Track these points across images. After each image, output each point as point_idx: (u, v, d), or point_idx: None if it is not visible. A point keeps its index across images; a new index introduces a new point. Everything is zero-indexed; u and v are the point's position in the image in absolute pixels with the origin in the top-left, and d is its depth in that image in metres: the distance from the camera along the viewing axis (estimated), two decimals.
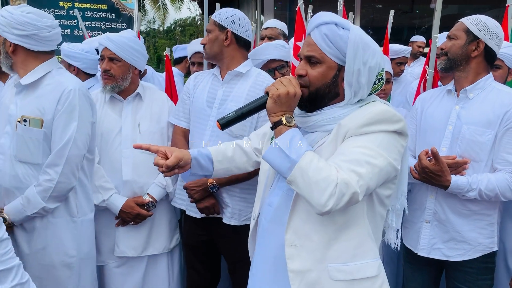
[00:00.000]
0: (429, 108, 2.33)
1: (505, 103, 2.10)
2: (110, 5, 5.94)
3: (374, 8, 9.99)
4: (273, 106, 1.49)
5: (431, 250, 2.24)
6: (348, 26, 1.51)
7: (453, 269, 2.25)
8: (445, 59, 2.21)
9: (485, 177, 2.08)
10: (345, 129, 1.47)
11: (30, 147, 2.15)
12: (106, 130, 2.58)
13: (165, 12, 24.58)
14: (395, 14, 4.18)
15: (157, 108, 2.68)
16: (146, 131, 2.60)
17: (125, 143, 2.57)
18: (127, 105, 2.64)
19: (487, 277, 2.22)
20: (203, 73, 2.67)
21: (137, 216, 2.55)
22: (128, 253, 2.61)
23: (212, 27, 2.47)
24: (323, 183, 1.35)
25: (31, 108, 2.16)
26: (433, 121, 2.27)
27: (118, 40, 2.54)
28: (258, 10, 9.69)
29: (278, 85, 1.50)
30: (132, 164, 2.56)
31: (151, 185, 2.61)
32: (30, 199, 2.14)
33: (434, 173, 2.08)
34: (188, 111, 2.57)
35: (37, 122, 2.14)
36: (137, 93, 2.66)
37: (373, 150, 1.42)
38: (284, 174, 1.42)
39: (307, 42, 1.56)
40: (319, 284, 1.52)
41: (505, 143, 2.09)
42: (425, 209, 2.24)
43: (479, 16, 2.18)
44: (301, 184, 1.38)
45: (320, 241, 1.52)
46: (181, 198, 2.58)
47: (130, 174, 2.56)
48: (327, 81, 1.53)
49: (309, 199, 1.38)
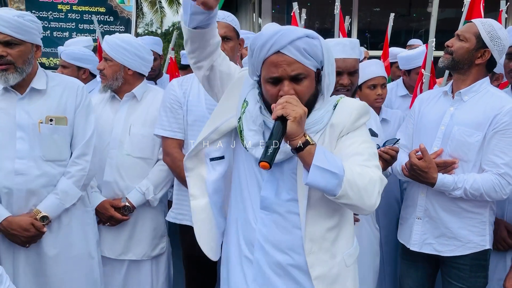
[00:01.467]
0: (425, 108, 2.37)
1: (496, 107, 2.13)
2: (108, 8, 5.95)
3: (372, 12, 10.01)
4: (298, 129, 1.42)
5: (422, 245, 2.30)
6: (314, 35, 1.54)
7: (447, 266, 2.29)
8: (450, 58, 2.22)
9: (471, 177, 2.13)
10: (340, 127, 1.55)
11: (58, 145, 2.26)
12: (101, 127, 2.57)
13: (163, 15, 24.61)
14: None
15: (153, 110, 2.60)
16: (137, 134, 2.58)
17: (113, 143, 2.57)
18: (122, 105, 2.64)
19: (480, 274, 2.25)
20: (186, 79, 2.51)
21: (111, 218, 2.55)
22: (106, 254, 2.61)
23: (232, 34, 2.40)
24: (370, 186, 1.43)
25: (47, 109, 2.23)
26: (427, 121, 2.33)
27: (110, 41, 2.61)
28: (256, 13, 9.71)
29: (291, 107, 1.43)
30: (116, 165, 2.57)
31: (132, 189, 2.58)
32: (67, 191, 2.26)
33: (421, 170, 2.15)
34: (181, 121, 2.44)
35: (63, 120, 2.26)
36: (133, 94, 2.64)
37: (370, 142, 1.57)
38: (333, 192, 1.41)
39: (284, 61, 1.49)
40: (339, 276, 1.63)
41: (493, 146, 2.12)
42: (417, 206, 2.32)
43: (492, 22, 2.18)
44: (352, 195, 1.42)
45: (333, 236, 1.62)
46: (182, 213, 2.51)
47: (112, 175, 2.57)
48: (313, 90, 1.58)
49: (361, 205, 1.44)
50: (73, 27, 5.76)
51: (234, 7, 12.26)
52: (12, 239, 2.18)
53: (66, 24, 5.75)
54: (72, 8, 5.73)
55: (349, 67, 2.25)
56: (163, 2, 23.74)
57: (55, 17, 5.70)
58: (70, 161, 2.29)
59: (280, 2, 9.32)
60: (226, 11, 2.54)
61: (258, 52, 1.54)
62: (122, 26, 6.07)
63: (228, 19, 2.40)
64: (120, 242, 2.62)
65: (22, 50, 2.17)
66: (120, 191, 2.59)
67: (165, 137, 2.45)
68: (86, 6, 5.86)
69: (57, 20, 5.71)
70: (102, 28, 5.94)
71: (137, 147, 2.58)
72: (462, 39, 2.19)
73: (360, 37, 9.02)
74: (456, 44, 2.21)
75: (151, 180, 2.59)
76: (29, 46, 2.20)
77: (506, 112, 2.10)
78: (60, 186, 2.25)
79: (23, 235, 2.16)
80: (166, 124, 2.44)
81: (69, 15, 5.71)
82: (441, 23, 2.97)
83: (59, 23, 5.72)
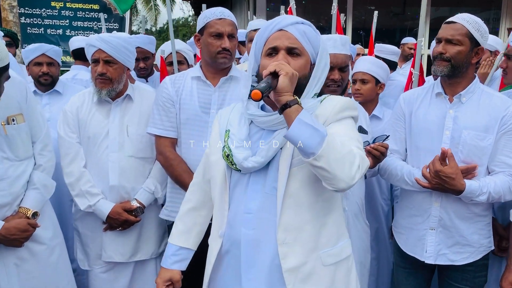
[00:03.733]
0: (419, 110, 2.28)
1: (501, 108, 2.11)
2: (102, 5, 5.93)
3: (367, 10, 10.02)
4: (288, 84, 1.41)
5: (437, 257, 2.21)
6: (316, 29, 1.62)
7: (449, 270, 2.25)
8: (448, 65, 2.12)
9: (491, 181, 2.08)
10: (323, 118, 1.54)
11: (25, 142, 2.21)
12: (93, 133, 2.52)
13: (157, 12, 24.52)
14: (386, 16, 4.22)
15: (147, 109, 2.57)
16: (134, 134, 2.54)
17: (112, 147, 2.51)
18: (115, 107, 2.56)
19: (482, 274, 2.25)
20: (178, 77, 2.50)
21: (125, 222, 2.52)
22: (115, 259, 2.57)
23: (236, 32, 2.41)
24: (349, 156, 1.39)
25: (6, 110, 2.13)
26: (427, 124, 2.22)
27: (114, 41, 2.46)
28: (251, 11, 9.69)
29: (283, 66, 1.44)
30: (119, 169, 2.52)
31: (139, 190, 2.56)
32: (45, 184, 2.27)
33: (449, 176, 2.04)
34: (174, 119, 2.43)
35: (21, 117, 2.20)
36: (127, 95, 2.58)
37: (355, 135, 1.54)
38: (314, 150, 1.35)
39: (284, 35, 1.56)
40: (313, 273, 1.55)
41: (502, 146, 2.11)
42: (430, 216, 2.20)
43: (473, 17, 2.14)
44: (332, 157, 1.36)
45: (313, 230, 1.55)
46: (175, 210, 2.44)
47: (117, 179, 2.52)
48: (305, 75, 1.57)
49: (339, 172, 1.37)
50: (67, 25, 5.73)
51: (229, 4, 12.23)
52: (11, 244, 2.14)
53: (59, 22, 5.72)
54: (66, 5, 5.71)
55: (340, 63, 2.25)
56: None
57: (49, 14, 5.67)
58: (37, 155, 2.28)
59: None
60: None
61: (261, 34, 1.60)
62: (116, 24, 6.05)
63: (231, 16, 2.41)
64: (130, 244, 2.59)
65: None
66: (127, 193, 2.56)
67: (158, 136, 2.45)
68: (80, 3, 5.83)
69: (50, 17, 5.69)
70: (96, 26, 5.91)
71: (138, 148, 2.55)
72: (456, 42, 2.11)
73: (354, 35, 9.02)
74: (452, 49, 2.12)
75: (156, 178, 2.59)
76: None
77: (511, 113, 2.10)
78: (37, 180, 2.23)
79: (22, 236, 2.14)
80: (159, 123, 2.43)
81: (63, 12, 5.68)
82: (435, 21, 2.98)
83: (53, 20, 5.69)
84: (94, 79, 2.51)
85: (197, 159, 2.38)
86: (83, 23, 5.78)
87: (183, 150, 2.43)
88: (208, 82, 2.42)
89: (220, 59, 2.36)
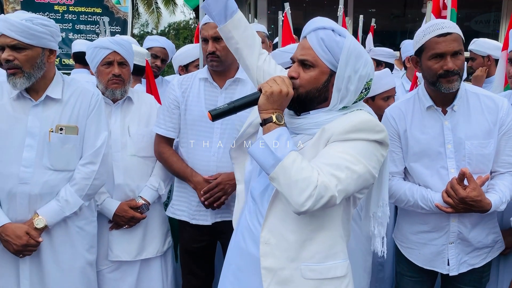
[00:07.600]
0: (412, 127, 2.16)
1: (492, 107, 2.09)
2: (105, 8, 5.97)
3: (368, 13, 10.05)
4: (265, 103, 1.50)
5: (459, 267, 2.19)
6: (344, 33, 1.54)
7: (459, 273, 2.21)
8: (459, 79, 2.02)
9: (503, 187, 2.07)
10: (328, 134, 1.50)
11: (67, 155, 2.20)
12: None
13: (159, 15, 24.56)
14: (387, 19, 4.25)
15: (146, 110, 2.67)
16: (135, 134, 2.60)
17: (115, 147, 2.56)
18: (116, 109, 2.62)
19: (487, 273, 2.27)
20: (187, 77, 2.56)
21: (131, 219, 2.56)
22: (122, 257, 2.60)
23: None
24: (303, 183, 1.39)
25: (59, 118, 2.18)
26: (427, 143, 2.13)
27: (127, 45, 2.58)
28: (252, 14, 9.72)
29: (271, 83, 1.52)
30: (123, 168, 2.57)
31: (143, 187, 2.62)
32: (67, 200, 2.20)
33: (475, 200, 1.97)
34: (177, 121, 2.51)
35: (74, 130, 2.21)
36: (128, 97, 2.64)
37: (354, 156, 1.45)
38: (267, 171, 1.44)
39: (302, 45, 1.58)
40: (291, 281, 1.56)
41: (503, 147, 2.10)
42: (448, 232, 2.15)
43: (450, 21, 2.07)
44: (282, 182, 1.41)
45: (295, 241, 1.56)
46: (180, 209, 2.58)
47: (122, 178, 2.57)
48: (319, 86, 1.55)
49: (288, 197, 1.42)
50: (70, 28, 5.78)
51: None
52: (5, 246, 2.16)
53: (62, 25, 5.77)
54: (69, 8, 5.75)
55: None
56: (159, 2, 23.70)
57: (52, 18, 5.67)
58: (76, 168, 2.24)
59: (275, 3, 9.33)
60: None
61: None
62: (118, 27, 6.09)
63: None
64: (135, 243, 2.63)
65: (29, 54, 2.08)
66: (132, 191, 2.60)
67: (158, 135, 2.56)
68: (83, 7, 5.87)
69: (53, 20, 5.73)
70: (99, 29, 5.95)
71: (139, 147, 2.60)
72: (461, 53, 2.01)
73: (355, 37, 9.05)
74: (458, 62, 2.00)
75: (159, 176, 2.65)
76: (38, 50, 2.11)
77: (506, 112, 2.08)
78: (62, 193, 2.20)
79: (15, 242, 2.11)
80: (162, 122, 2.55)
81: (66, 15, 5.73)
82: None
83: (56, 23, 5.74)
84: (105, 81, 2.55)
85: (201, 160, 2.46)
86: (86, 27, 5.82)
87: (189, 150, 2.49)
88: (215, 83, 2.48)
89: (208, 62, 2.43)
